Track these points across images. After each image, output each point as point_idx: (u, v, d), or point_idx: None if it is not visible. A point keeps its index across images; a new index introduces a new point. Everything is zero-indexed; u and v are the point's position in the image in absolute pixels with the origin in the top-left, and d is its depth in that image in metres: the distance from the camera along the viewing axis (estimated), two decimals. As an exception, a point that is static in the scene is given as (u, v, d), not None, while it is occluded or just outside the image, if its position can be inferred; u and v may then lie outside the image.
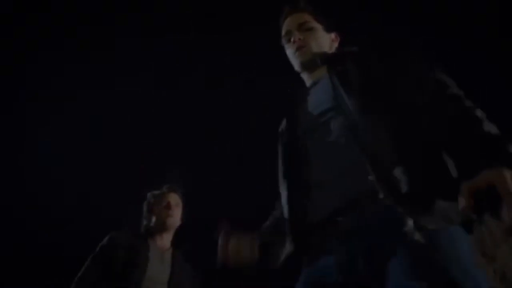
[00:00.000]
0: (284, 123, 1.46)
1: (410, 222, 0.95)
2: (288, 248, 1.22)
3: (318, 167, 1.20)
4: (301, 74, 1.48)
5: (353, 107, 1.17)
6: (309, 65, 1.42)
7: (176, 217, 2.30)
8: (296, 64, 1.45)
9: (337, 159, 1.16)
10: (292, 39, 1.44)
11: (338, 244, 1.06)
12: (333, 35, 1.51)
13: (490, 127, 0.96)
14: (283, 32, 1.51)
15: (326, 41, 1.47)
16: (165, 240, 2.27)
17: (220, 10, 4.69)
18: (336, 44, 1.50)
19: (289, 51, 1.47)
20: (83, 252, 2.19)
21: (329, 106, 1.25)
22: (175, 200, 2.34)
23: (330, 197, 1.12)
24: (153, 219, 2.26)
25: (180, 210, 2.35)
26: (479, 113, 1.00)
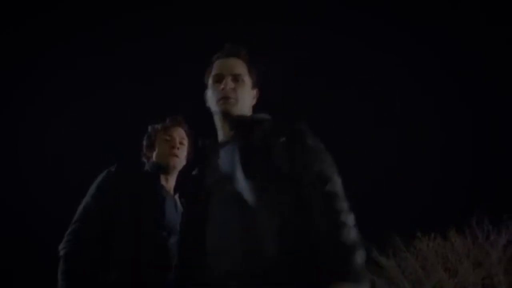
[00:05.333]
0: (196, 170, 1.51)
1: None
2: None
3: (210, 231, 1.27)
4: (217, 124, 1.47)
5: (240, 180, 1.22)
6: (228, 118, 1.40)
7: (181, 156, 1.93)
8: (216, 111, 1.44)
9: (220, 229, 1.24)
10: (222, 85, 1.40)
11: None
12: (255, 92, 1.52)
13: (350, 239, 1.08)
14: (214, 71, 1.45)
15: (249, 98, 1.48)
16: (170, 183, 1.92)
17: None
18: (255, 101, 1.52)
19: (213, 94, 1.43)
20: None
21: (228, 172, 1.29)
22: (180, 135, 1.98)
23: (214, 264, 1.21)
24: (155, 157, 1.93)
25: (186, 148, 1.99)
26: (349, 221, 1.12)
